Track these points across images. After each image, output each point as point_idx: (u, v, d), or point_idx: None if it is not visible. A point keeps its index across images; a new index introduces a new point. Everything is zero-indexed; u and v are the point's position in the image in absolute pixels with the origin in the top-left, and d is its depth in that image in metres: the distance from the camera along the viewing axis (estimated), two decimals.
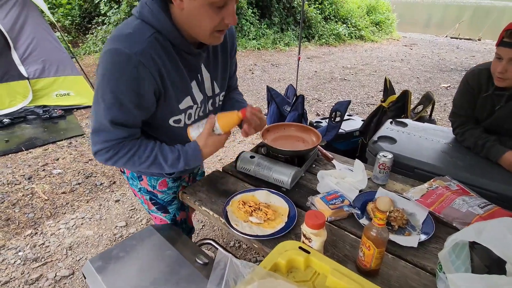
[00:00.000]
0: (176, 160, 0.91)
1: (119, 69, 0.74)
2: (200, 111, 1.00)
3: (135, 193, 1.20)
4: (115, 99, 0.77)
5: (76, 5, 7.06)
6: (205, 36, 0.80)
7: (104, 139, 0.83)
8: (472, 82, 1.35)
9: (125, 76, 0.75)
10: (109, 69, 0.75)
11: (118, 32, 0.76)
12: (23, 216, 2.08)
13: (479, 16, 17.72)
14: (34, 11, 3.51)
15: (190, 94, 0.92)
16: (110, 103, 0.77)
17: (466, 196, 1.06)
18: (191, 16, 0.76)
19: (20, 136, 3.13)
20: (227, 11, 0.76)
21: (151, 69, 0.77)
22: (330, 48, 8.46)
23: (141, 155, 0.87)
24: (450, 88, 5.14)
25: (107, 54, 0.75)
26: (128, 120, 0.82)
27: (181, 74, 0.86)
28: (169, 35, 0.79)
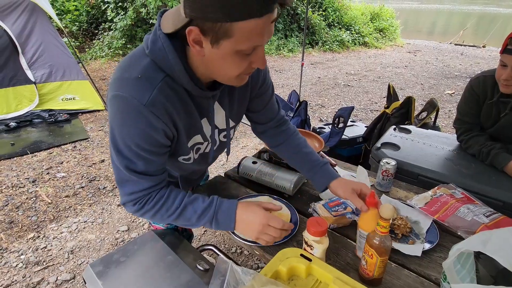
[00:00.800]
0: (206, 209, 0.83)
1: (129, 120, 0.69)
2: (210, 145, 0.94)
3: None
4: (130, 150, 0.72)
5: (83, 11, 7.19)
6: (230, 80, 0.73)
7: (130, 191, 0.78)
8: (477, 89, 1.34)
9: (136, 129, 0.70)
10: (119, 119, 0.69)
11: (126, 75, 0.68)
12: (26, 219, 2.09)
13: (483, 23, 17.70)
14: (42, 17, 3.57)
15: (201, 133, 0.86)
16: (127, 155, 0.73)
17: (471, 204, 1.05)
18: (214, 63, 0.67)
19: (26, 140, 3.16)
20: (256, 56, 0.67)
21: (163, 118, 0.71)
22: (333, 54, 8.48)
23: (169, 206, 0.81)
24: (454, 95, 5.11)
25: (116, 100, 0.68)
26: (148, 169, 0.77)
27: (191, 115, 0.80)
28: (180, 80, 0.71)
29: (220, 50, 0.62)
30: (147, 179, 0.78)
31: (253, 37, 0.61)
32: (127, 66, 0.69)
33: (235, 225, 0.84)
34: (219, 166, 2.87)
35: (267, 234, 0.84)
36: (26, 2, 3.40)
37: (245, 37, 0.60)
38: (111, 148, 0.75)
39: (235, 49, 0.62)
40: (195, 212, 0.82)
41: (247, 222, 0.84)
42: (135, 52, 0.72)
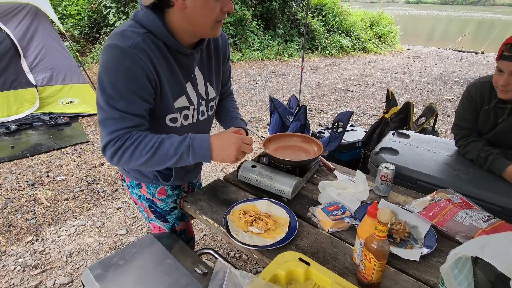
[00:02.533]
0: (181, 142, 0.86)
1: (115, 61, 0.79)
2: (198, 114, 1.04)
3: (135, 202, 1.20)
4: (115, 89, 0.80)
5: (85, 15, 7.25)
6: (207, 29, 0.86)
7: (112, 130, 0.83)
8: (474, 94, 1.35)
9: (121, 67, 0.79)
10: (107, 63, 0.80)
11: (114, 31, 0.83)
12: (25, 222, 2.09)
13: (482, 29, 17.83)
14: (44, 21, 3.61)
15: (185, 94, 0.96)
16: (111, 93, 0.80)
17: (469, 209, 1.05)
18: (194, 13, 0.82)
19: (26, 142, 3.17)
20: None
21: (145, 61, 0.82)
22: (333, 60, 8.53)
23: (147, 141, 0.84)
24: (453, 100, 5.13)
25: (105, 49, 0.81)
26: (130, 109, 0.83)
27: (174, 73, 0.91)
28: (160, 35, 0.84)
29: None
30: (128, 118, 0.83)
31: None
32: (115, 29, 0.84)
33: (211, 152, 0.88)
34: (218, 170, 2.87)
35: (243, 152, 0.91)
36: (29, 7, 3.43)
37: None
38: (98, 90, 0.82)
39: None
40: (171, 145, 0.85)
41: (223, 145, 0.88)
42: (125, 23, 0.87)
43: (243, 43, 7.94)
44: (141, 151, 0.84)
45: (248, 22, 8.00)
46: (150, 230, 1.95)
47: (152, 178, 1.09)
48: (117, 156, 0.84)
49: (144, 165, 0.86)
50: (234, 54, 7.57)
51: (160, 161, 0.86)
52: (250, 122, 4.05)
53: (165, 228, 1.22)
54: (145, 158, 0.84)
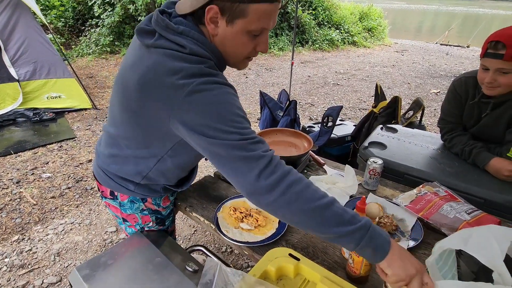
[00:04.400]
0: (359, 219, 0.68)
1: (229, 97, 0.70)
2: None
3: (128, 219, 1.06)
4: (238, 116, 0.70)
5: (69, 7, 6.99)
6: (236, 62, 0.81)
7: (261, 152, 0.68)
8: (459, 89, 1.38)
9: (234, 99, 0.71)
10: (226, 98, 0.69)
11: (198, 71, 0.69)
12: (10, 221, 2.04)
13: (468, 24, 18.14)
14: (26, 13, 3.46)
15: None
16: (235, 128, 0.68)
17: (454, 202, 1.08)
18: (225, 42, 0.74)
19: (9, 139, 3.07)
20: (261, 39, 0.76)
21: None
22: (323, 53, 8.54)
23: (314, 191, 0.68)
24: (439, 94, 5.23)
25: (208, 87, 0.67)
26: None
27: None
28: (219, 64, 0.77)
29: (234, 28, 0.71)
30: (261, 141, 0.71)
31: (263, 19, 0.71)
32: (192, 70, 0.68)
33: (389, 251, 0.67)
34: (209, 165, 2.85)
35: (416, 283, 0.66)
36: None
37: (257, 18, 0.69)
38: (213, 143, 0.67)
39: (247, 28, 0.71)
40: (345, 211, 0.68)
41: (404, 259, 0.67)
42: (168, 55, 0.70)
43: None
44: (312, 194, 0.67)
45: None
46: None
47: (161, 191, 1.02)
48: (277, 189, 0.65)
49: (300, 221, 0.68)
50: None
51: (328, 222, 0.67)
52: None
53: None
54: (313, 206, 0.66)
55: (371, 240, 0.66)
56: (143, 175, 0.93)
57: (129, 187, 0.96)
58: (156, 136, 0.81)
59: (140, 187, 0.97)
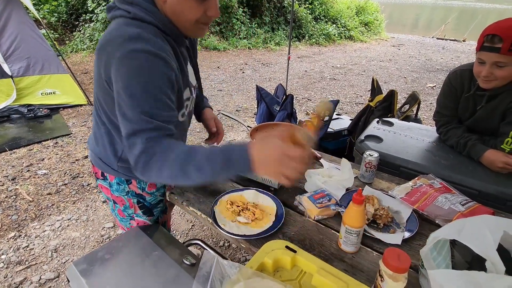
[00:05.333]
0: (217, 151, 0.73)
1: (149, 67, 0.73)
2: (191, 103, 1.02)
3: (116, 200, 1.10)
4: (147, 92, 0.74)
5: (62, 1, 6.89)
6: (189, 27, 0.83)
7: (143, 139, 0.74)
8: (454, 82, 1.38)
9: (153, 70, 0.74)
10: (138, 68, 0.73)
11: (128, 36, 0.73)
12: (6, 218, 2.03)
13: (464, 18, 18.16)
14: (18, 8, 3.41)
15: (189, 85, 0.94)
16: (143, 98, 0.73)
17: (449, 193, 1.09)
18: (174, 8, 0.78)
19: (4, 136, 3.04)
20: (210, 3, 0.79)
21: (170, 60, 0.78)
22: (320, 48, 8.52)
23: (179, 151, 0.74)
24: (436, 88, 5.25)
25: (130, 56, 0.72)
26: (165, 115, 0.77)
27: (182, 65, 0.88)
28: (166, 28, 0.81)
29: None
30: (160, 127, 0.76)
31: None
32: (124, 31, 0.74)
33: (250, 163, 0.70)
34: None
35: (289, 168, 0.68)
36: None
37: None
38: (124, 101, 0.73)
39: None
40: (204, 153, 0.73)
41: (263, 157, 0.70)
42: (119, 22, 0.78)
43: (229, 31, 7.80)
44: (170, 163, 0.73)
45: (234, 10, 7.84)
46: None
47: None
48: (147, 166, 0.74)
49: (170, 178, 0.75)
50: (220, 43, 7.43)
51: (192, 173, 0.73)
52: (238, 112, 4.02)
53: (150, 222, 1.19)
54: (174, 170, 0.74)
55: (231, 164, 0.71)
56: (118, 155, 0.97)
57: (113, 166, 1.00)
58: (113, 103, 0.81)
59: (122, 168, 1.01)
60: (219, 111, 3.79)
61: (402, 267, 0.67)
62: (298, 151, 0.69)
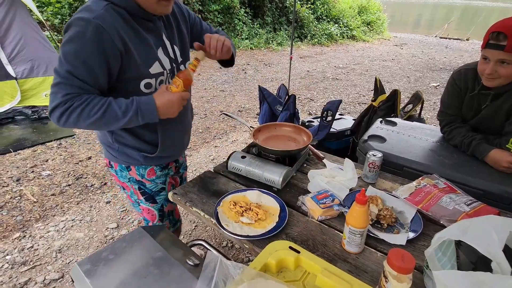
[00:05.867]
0: (129, 104, 0.92)
1: (80, 32, 0.83)
2: (170, 78, 1.07)
3: (125, 186, 1.22)
4: (78, 58, 0.84)
5: (65, 3, 6.93)
6: (151, 4, 0.90)
7: (64, 93, 0.86)
8: (458, 81, 1.37)
9: (86, 37, 0.83)
10: (72, 34, 0.84)
11: (79, 9, 0.88)
12: (11, 219, 2.04)
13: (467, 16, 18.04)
14: (22, 10, 3.43)
15: (158, 60, 1.00)
16: (74, 62, 0.84)
17: (453, 193, 1.08)
18: None
19: (8, 137, 3.07)
20: None
21: (110, 31, 0.85)
22: (322, 48, 8.51)
23: (95, 103, 0.88)
24: (439, 87, 5.22)
25: (70, 23, 0.85)
26: (89, 77, 0.87)
27: (144, 40, 0.95)
28: (122, 4, 0.89)
29: None
30: (83, 85, 0.87)
31: None
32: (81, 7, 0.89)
33: (157, 111, 0.95)
34: (209, 160, 2.86)
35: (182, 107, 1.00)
36: None
37: None
38: (59, 59, 0.85)
39: None
40: (120, 107, 0.91)
41: (167, 105, 0.96)
42: None
43: (231, 32, 7.81)
44: (88, 112, 0.87)
45: (236, 10, 7.85)
46: (142, 223, 1.94)
47: (141, 159, 1.13)
48: (64, 116, 0.87)
49: (91, 125, 0.91)
50: None
51: (109, 123, 0.92)
52: (240, 112, 4.03)
53: (154, 209, 1.26)
54: (93, 119, 0.88)
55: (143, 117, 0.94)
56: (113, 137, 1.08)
57: (112, 152, 1.12)
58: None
59: (119, 153, 1.11)
60: (222, 112, 3.79)
61: (407, 267, 0.66)
62: (186, 94, 0.99)
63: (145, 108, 0.93)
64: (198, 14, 6.75)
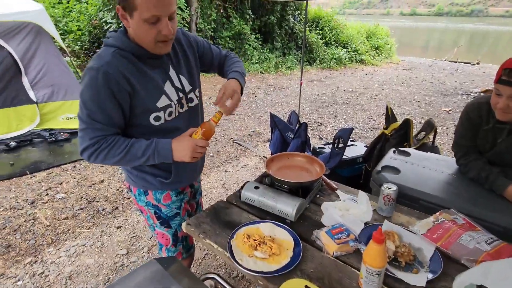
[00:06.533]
0: (149, 145, 1.02)
1: (93, 80, 0.93)
2: (179, 107, 1.13)
3: (142, 210, 1.27)
4: (94, 103, 0.94)
5: (86, 31, 7.34)
6: (150, 46, 0.97)
7: (91, 136, 0.97)
8: (472, 114, 1.37)
9: (97, 84, 0.93)
10: (86, 83, 0.94)
11: (93, 57, 0.98)
12: (24, 243, 2.06)
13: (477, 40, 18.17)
14: (46, 38, 3.65)
15: (164, 93, 1.06)
16: (91, 108, 0.94)
17: (473, 231, 1.05)
18: (135, 32, 0.95)
19: (25, 160, 3.16)
20: (161, 25, 0.93)
21: (116, 75, 0.94)
22: (331, 72, 8.64)
23: (120, 144, 1.00)
24: (451, 112, 5.18)
25: (85, 73, 0.95)
26: (107, 120, 0.97)
27: (150, 78, 1.02)
28: (128, 48, 0.98)
29: (135, 20, 0.91)
30: (105, 128, 0.98)
31: (151, 9, 0.88)
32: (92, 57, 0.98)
33: (172, 153, 1.02)
34: (219, 185, 2.86)
35: (197, 153, 1.04)
36: (31, 25, 3.49)
37: (145, 9, 0.88)
38: (80, 105, 0.95)
39: (142, 17, 0.89)
40: (140, 148, 1.01)
41: (181, 149, 1.03)
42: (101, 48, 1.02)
43: (242, 56, 8.06)
44: (114, 153, 0.99)
45: (247, 36, 8.14)
46: (152, 249, 1.93)
47: (157, 184, 1.17)
48: (93, 156, 0.99)
49: (116, 163, 1.03)
50: None
51: (130, 161, 1.02)
52: (250, 136, 4.06)
53: (168, 234, 1.28)
54: (117, 158, 1.00)
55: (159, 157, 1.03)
56: None
57: (131, 177, 1.19)
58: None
59: (138, 178, 1.18)
60: (234, 140, 3.84)
61: None
62: (203, 142, 1.03)
63: (161, 151, 1.02)
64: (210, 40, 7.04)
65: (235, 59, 1.32)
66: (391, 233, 1.05)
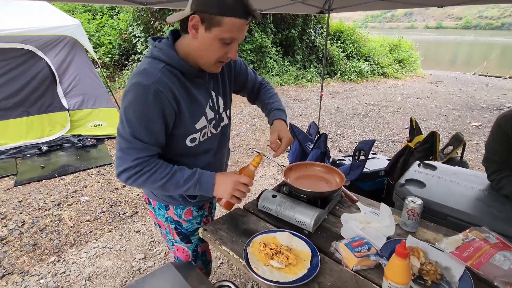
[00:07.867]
0: (191, 175, 0.98)
1: (140, 98, 0.87)
2: (212, 128, 1.10)
3: (161, 224, 1.23)
4: (141, 123, 0.89)
5: (116, 44, 7.78)
6: (209, 64, 0.95)
7: (134, 158, 0.91)
8: (505, 127, 1.29)
9: (148, 103, 0.88)
10: (133, 99, 0.88)
11: (136, 70, 0.92)
12: (48, 242, 2.15)
13: (508, 54, 17.37)
14: (80, 51, 3.90)
15: (204, 114, 1.03)
16: (136, 126, 0.89)
17: (507, 251, 0.97)
18: (201, 46, 0.90)
19: (55, 163, 3.33)
20: (232, 47, 0.92)
21: (167, 94, 0.90)
22: (352, 85, 8.54)
23: (162, 171, 0.95)
24: (481, 127, 4.93)
25: (130, 88, 0.89)
26: (153, 140, 0.92)
27: (194, 98, 0.99)
28: (177, 65, 0.94)
29: (210, 35, 0.87)
30: (150, 148, 0.92)
31: (234, 31, 0.87)
32: (136, 68, 0.93)
33: (214, 187, 0.99)
34: None
35: (238, 191, 1.01)
36: (68, 38, 3.74)
37: (229, 29, 0.86)
38: (122, 123, 0.89)
39: (220, 36, 0.87)
40: (182, 176, 0.97)
41: (223, 185, 1.00)
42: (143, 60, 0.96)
43: (263, 69, 8.16)
44: (155, 179, 0.94)
45: (268, 49, 8.26)
46: (168, 255, 1.94)
47: (180, 200, 1.14)
48: (131, 179, 0.93)
49: (155, 189, 0.99)
50: None
51: (170, 189, 0.97)
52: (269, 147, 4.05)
53: (189, 249, 1.24)
54: (158, 184, 0.95)
55: (200, 189, 0.99)
56: None
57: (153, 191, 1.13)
58: None
59: (160, 193, 1.12)
60: (252, 149, 3.85)
61: None
62: (247, 179, 1.01)
63: (204, 184, 0.99)
64: None
65: (272, 91, 1.32)
66: (416, 249, 1.00)
